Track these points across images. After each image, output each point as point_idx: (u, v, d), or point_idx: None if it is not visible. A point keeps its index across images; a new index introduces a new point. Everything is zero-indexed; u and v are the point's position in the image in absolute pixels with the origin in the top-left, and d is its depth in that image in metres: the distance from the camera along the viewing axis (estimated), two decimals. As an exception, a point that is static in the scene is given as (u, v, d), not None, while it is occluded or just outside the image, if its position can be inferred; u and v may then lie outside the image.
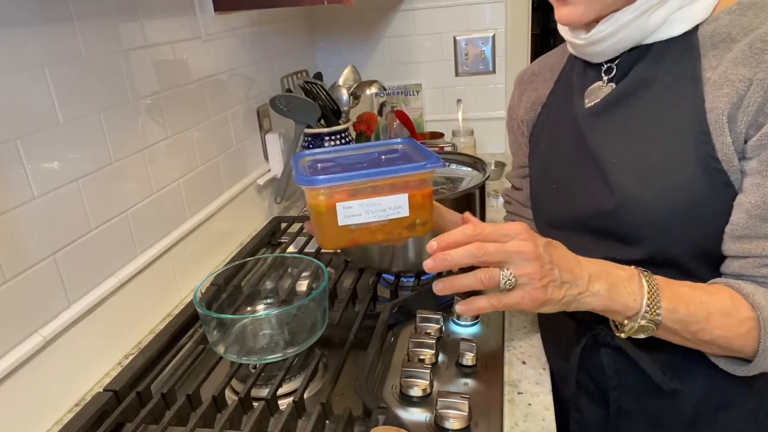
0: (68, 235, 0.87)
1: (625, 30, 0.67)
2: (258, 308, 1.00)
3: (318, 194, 0.64)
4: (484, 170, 1.21)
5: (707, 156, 0.63)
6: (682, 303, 0.61)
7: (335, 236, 0.67)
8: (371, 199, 0.64)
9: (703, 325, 0.62)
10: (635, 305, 0.62)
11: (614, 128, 0.72)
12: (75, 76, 0.88)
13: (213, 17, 1.26)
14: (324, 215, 0.65)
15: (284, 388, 0.83)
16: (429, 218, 0.68)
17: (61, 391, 0.86)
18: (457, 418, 0.72)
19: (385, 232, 0.67)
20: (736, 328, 0.61)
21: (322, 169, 0.71)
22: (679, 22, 0.66)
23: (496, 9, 1.79)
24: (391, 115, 1.87)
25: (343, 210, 0.65)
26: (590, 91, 0.76)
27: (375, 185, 0.64)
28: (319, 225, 0.67)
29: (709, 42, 0.65)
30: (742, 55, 0.61)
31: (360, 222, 0.66)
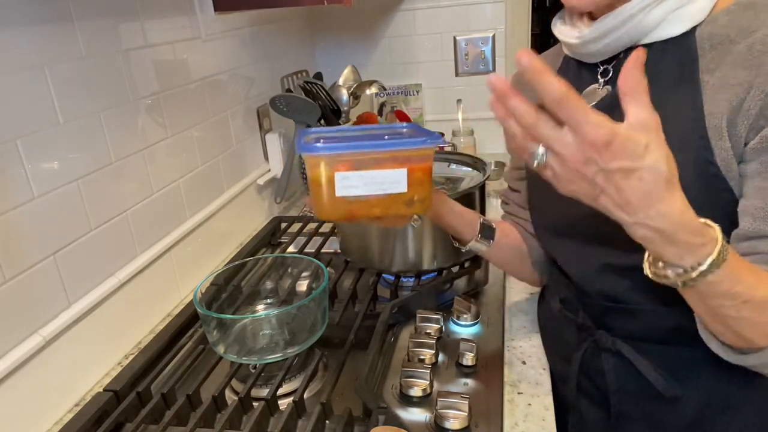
0: (68, 235, 0.87)
1: (621, 29, 0.66)
2: (258, 308, 1.00)
3: (318, 163, 0.64)
4: (484, 170, 1.21)
5: (706, 161, 0.62)
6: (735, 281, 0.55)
7: (332, 207, 0.66)
8: (370, 171, 0.64)
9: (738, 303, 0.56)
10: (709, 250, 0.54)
11: None
12: (75, 76, 0.88)
13: (213, 17, 1.26)
14: (322, 185, 0.64)
15: (284, 388, 0.83)
16: (427, 195, 0.67)
17: (61, 391, 0.86)
18: (457, 418, 0.72)
19: (383, 206, 0.66)
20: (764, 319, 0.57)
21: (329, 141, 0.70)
22: (676, 22, 0.65)
23: (496, 9, 1.79)
24: (391, 115, 1.87)
25: (341, 180, 0.64)
26: (585, 94, 0.75)
27: (375, 158, 0.63)
28: (317, 195, 0.66)
29: (708, 44, 0.64)
30: (741, 58, 0.60)
31: (357, 194, 0.65)
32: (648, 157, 0.49)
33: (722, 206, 0.63)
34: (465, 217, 0.86)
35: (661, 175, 0.50)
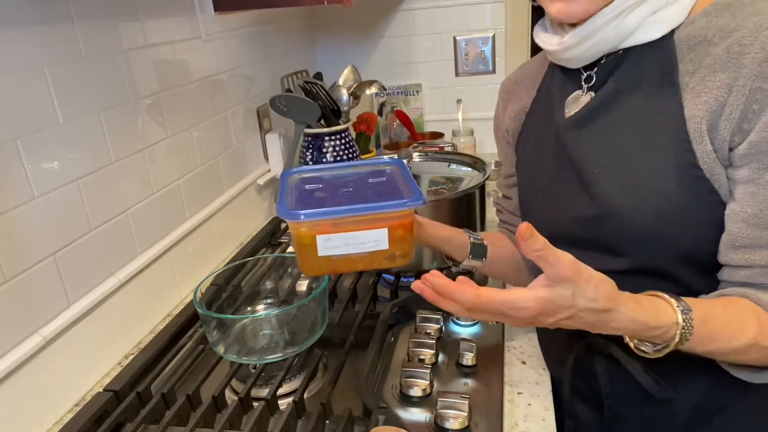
0: (68, 235, 0.87)
1: (599, 34, 0.66)
2: (258, 308, 1.00)
3: (300, 226, 0.66)
4: (484, 170, 1.21)
5: (689, 164, 0.62)
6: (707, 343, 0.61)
7: (316, 265, 0.69)
8: (351, 233, 0.66)
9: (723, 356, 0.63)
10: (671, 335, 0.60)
11: (595, 138, 0.71)
12: (75, 76, 0.88)
13: (213, 17, 1.26)
14: (306, 245, 0.67)
15: (284, 388, 0.83)
16: (409, 250, 0.70)
17: (61, 391, 0.86)
18: (457, 418, 0.73)
19: (366, 262, 0.68)
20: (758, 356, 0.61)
21: (308, 192, 0.73)
22: (655, 25, 0.65)
23: (496, 9, 1.79)
24: (391, 115, 1.87)
25: (324, 242, 0.66)
26: (570, 101, 0.76)
27: (356, 220, 0.66)
28: (300, 254, 0.69)
29: (686, 45, 0.64)
30: (719, 60, 0.60)
31: (340, 253, 0.67)
32: (578, 301, 0.56)
33: (710, 208, 0.63)
34: (453, 241, 0.85)
35: (595, 309, 0.57)
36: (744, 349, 0.60)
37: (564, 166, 0.74)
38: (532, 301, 0.56)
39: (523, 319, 0.58)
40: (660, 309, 0.60)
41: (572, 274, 0.55)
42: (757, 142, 0.58)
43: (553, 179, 0.77)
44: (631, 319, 0.58)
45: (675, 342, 0.59)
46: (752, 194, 0.60)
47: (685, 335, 0.59)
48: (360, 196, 0.70)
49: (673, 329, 0.59)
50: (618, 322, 0.58)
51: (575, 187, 0.72)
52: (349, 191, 0.72)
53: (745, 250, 0.61)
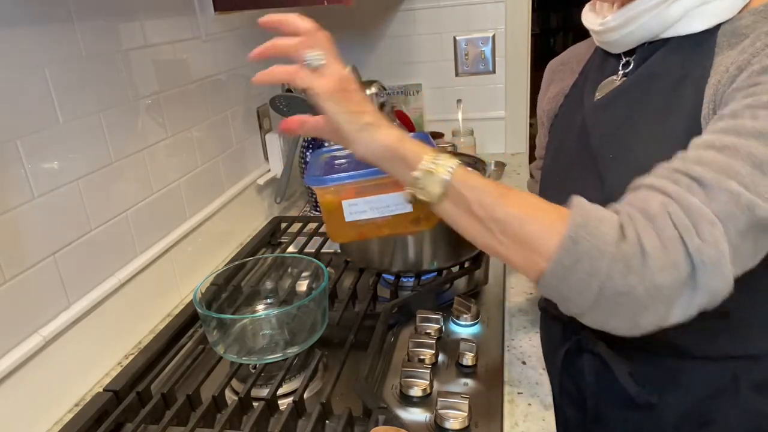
0: (68, 235, 0.87)
1: (642, 19, 0.64)
2: (258, 308, 1.00)
3: (326, 192, 0.69)
4: (484, 170, 1.21)
5: None
6: (480, 176, 0.58)
7: (344, 231, 0.71)
8: (375, 197, 0.68)
9: (497, 198, 0.55)
10: (425, 154, 0.58)
11: (616, 122, 0.69)
12: (75, 76, 0.88)
13: (213, 17, 1.26)
14: (333, 212, 0.70)
15: (284, 388, 0.83)
16: (433, 213, 0.69)
17: (61, 391, 0.86)
18: (457, 418, 0.72)
19: (391, 226, 0.70)
20: (538, 212, 0.53)
21: (336, 166, 0.75)
22: (700, 18, 0.62)
23: (496, 9, 1.79)
24: (391, 115, 1.87)
25: (349, 207, 0.69)
26: (603, 85, 0.74)
27: (379, 183, 0.67)
28: (329, 220, 0.72)
29: (726, 42, 0.61)
30: (742, 47, 0.58)
31: (365, 218, 0.70)
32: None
33: None
34: None
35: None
36: (518, 197, 0.55)
37: (585, 149, 0.73)
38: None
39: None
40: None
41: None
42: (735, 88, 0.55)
43: (573, 162, 0.77)
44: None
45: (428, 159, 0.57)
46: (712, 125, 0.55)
47: (442, 157, 0.57)
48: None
49: (427, 150, 0.58)
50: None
51: (591, 170, 0.71)
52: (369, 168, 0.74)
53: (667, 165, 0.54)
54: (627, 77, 0.71)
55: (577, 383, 0.79)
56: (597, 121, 0.72)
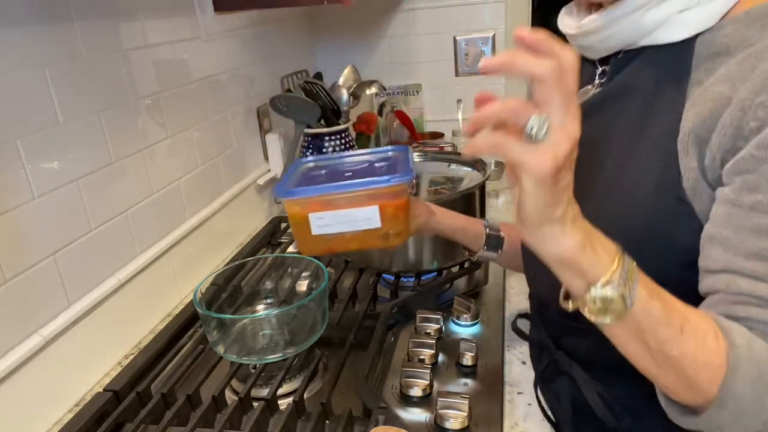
0: (68, 235, 0.87)
1: (618, 24, 0.61)
2: (258, 308, 1.00)
3: (293, 205, 0.68)
4: (484, 170, 1.21)
5: (672, 183, 0.56)
6: (659, 298, 0.51)
7: (311, 243, 0.70)
8: (342, 211, 0.67)
9: (675, 333, 0.50)
10: (605, 269, 0.49)
11: (588, 138, 0.62)
12: (75, 76, 0.88)
13: (213, 17, 1.26)
14: (300, 224, 0.68)
15: (284, 388, 0.83)
16: (403, 229, 0.69)
17: (61, 391, 0.86)
18: (457, 418, 0.72)
19: (359, 241, 0.69)
20: (709, 354, 0.50)
21: (312, 178, 0.74)
22: (679, 26, 0.58)
23: (496, 9, 1.79)
24: (391, 115, 1.87)
25: (316, 220, 0.67)
26: (579, 94, 0.71)
27: (348, 197, 0.66)
28: (296, 232, 0.70)
29: (705, 52, 0.57)
30: (728, 72, 0.54)
31: (332, 232, 0.68)
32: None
33: (685, 233, 0.57)
34: (468, 232, 0.84)
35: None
36: (699, 332, 0.51)
37: None
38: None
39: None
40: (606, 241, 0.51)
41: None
42: (745, 159, 0.51)
43: None
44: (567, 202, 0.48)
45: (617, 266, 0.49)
46: (729, 217, 0.53)
47: (623, 280, 0.48)
48: (356, 177, 0.71)
49: (608, 264, 0.49)
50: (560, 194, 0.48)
51: None
52: (349, 174, 0.73)
53: (727, 275, 0.53)
54: (602, 87, 0.68)
55: (551, 406, 0.77)
56: None
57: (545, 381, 0.77)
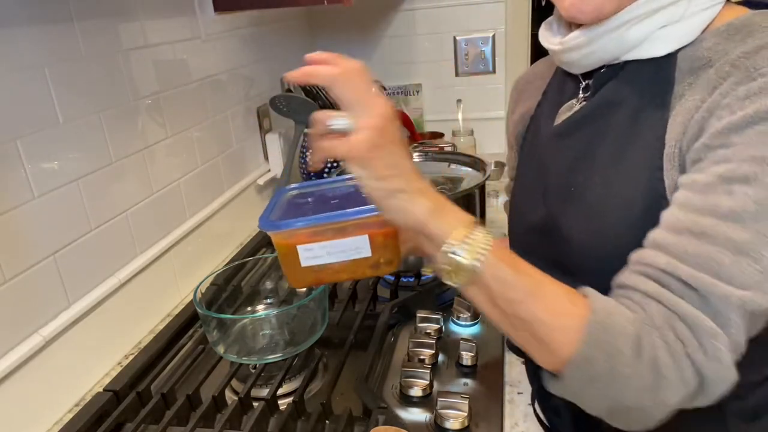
0: (68, 235, 0.87)
1: (601, 40, 0.61)
2: (258, 308, 1.00)
3: (279, 238, 0.66)
4: (484, 170, 1.21)
5: (658, 195, 0.57)
6: (513, 266, 0.53)
7: (300, 275, 0.67)
8: (331, 242, 0.65)
9: (524, 296, 0.52)
10: (456, 234, 0.53)
11: (574, 153, 0.67)
12: (75, 76, 0.88)
13: (213, 17, 1.26)
14: (287, 256, 0.66)
15: (284, 388, 0.83)
16: (394, 257, 0.68)
17: (61, 391, 0.86)
18: (457, 418, 0.72)
19: (350, 271, 0.67)
20: (561, 317, 0.52)
21: (298, 206, 0.72)
22: (662, 41, 0.59)
23: (496, 9, 1.79)
24: (391, 115, 1.87)
25: (305, 252, 0.65)
26: (563, 109, 0.72)
27: (335, 228, 0.64)
28: (284, 265, 0.68)
29: (687, 66, 0.58)
30: (705, 81, 0.55)
31: (322, 263, 0.66)
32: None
33: None
34: None
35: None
36: (551, 298, 0.53)
37: (541, 178, 0.72)
38: None
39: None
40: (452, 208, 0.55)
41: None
42: (698, 148, 0.53)
43: (530, 191, 0.75)
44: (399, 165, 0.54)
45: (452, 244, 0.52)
46: (677, 198, 0.54)
47: (469, 245, 0.52)
48: (344, 207, 0.68)
49: (456, 230, 0.52)
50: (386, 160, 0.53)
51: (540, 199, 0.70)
52: (336, 202, 0.71)
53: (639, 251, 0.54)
54: (586, 102, 0.68)
55: (551, 420, 0.76)
56: (554, 150, 0.70)
57: (543, 398, 0.76)
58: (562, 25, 0.69)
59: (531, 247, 0.72)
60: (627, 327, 0.50)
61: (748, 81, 0.51)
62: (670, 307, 0.50)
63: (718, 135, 0.51)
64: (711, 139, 0.52)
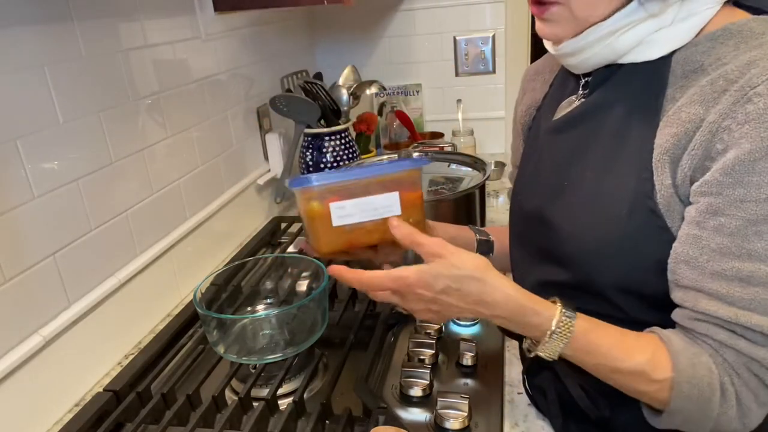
0: (68, 235, 0.87)
1: (594, 48, 0.63)
2: (258, 308, 1.00)
3: (311, 196, 0.65)
4: (484, 170, 1.21)
5: (645, 195, 0.59)
6: (590, 354, 0.60)
7: (331, 239, 0.67)
8: (363, 198, 0.65)
9: (609, 377, 0.61)
10: (538, 337, 0.61)
11: (569, 148, 0.69)
12: (75, 76, 0.88)
13: (213, 17, 1.26)
14: (318, 218, 0.65)
15: (284, 388, 0.83)
16: (421, 218, 0.69)
17: (61, 391, 0.86)
18: (457, 418, 0.73)
19: (380, 231, 0.67)
20: (643, 388, 0.59)
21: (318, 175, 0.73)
22: (656, 45, 0.60)
23: (496, 9, 1.79)
24: (391, 115, 1.87)
25: (337, 210, 0.65)
26: (564, 105, 0.74)
27: (366, 184, 0.65)
28: (314, 230, 0.67)
29: (681, 69, 0.60)
30: (701, 92, 0.56)
31: (354, 222, 0.66)
32: (447, 270, 0.59)
33: (658, 244, 0.59)
34: (459, 240, 0.85)
35: (463, 277, 0.59)
36: (629, 374, 0.59)
37: (538, 171, 0.74)
38: (410, 273, 0.60)
39: (407, 293, 0.61)
40: (542, 301, 0.60)
41: (440, 249, 0.61)
42: (710, 182, 0.55)
43: (529, 183, 0.77)
44: (505, 295, 0.59)
45: (549, 337, 0.59)
46: (695, 238, 0.56)
47: (561, 333, 0.59)
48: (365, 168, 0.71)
49: (548, 322, 0.59)
50: (491, 295, 0.59)
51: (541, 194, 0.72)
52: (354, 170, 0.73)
53: (690, 292, 0.58)
54: (584, 99, 0.70)
55: (539, 403, 0.77)
56: (552, 144, 0.73)
57: (531, 376, 0.78)
58: None
59: (525, 235, 0.77)
60: (711, 378, 0.56)
61: (745, 102, 0.53)
62: (746, 354, 0.56)
63: (731, 172, 0.54)
64: (723, 175, 0.54)
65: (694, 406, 0.57)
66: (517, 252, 0.80)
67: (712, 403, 0.56)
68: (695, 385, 0.56)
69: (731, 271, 0.55)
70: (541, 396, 0.76)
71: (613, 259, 0.62)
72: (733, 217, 0.54)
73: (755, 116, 0.52)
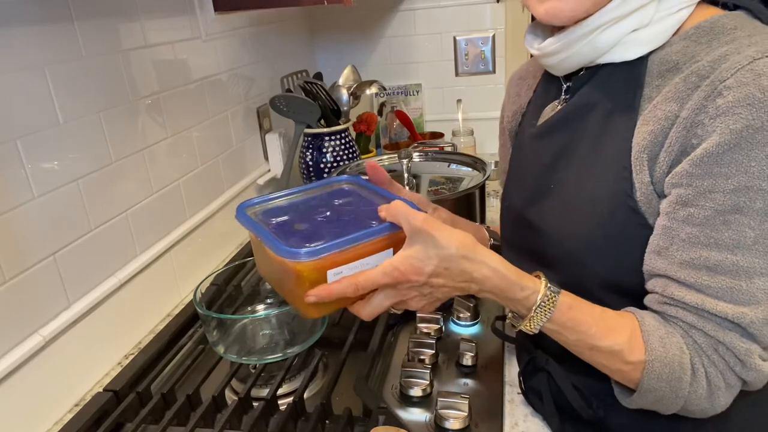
0: (68, 235, 0.87)
1: (575, 46, 0.64)
2: (258, 308, 1.00)
3: (306, 266, 0.60)
4: (484, 170, 1.21)
5: (624, 194, 0.60)
6: (571, 330, 0.61)
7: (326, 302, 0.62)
8: (359, 261, 0.62)
9: (585, 353, 0.62)
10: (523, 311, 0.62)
11: (553, 152, 0.70)
12: (75, 76, 0.88)
13: (213, 17, 1.26)
14: (311, 285, 0.61)
15: (284, 388, 0.83)
16: None
17: (61, 391, 0.86)
18: (457, 418, 0.73)
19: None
20: (617, 367, 0.60)
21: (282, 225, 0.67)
22: (633, 45, 0.62)
23: (496, 9, 1.79)
24: (391, 115, 1.87)
25: (334, 276, 0.61)
26: (547, 110, 0.75)
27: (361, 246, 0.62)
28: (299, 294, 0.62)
29: (657, 69, 0.61)
30: (675, 89, 0.58)
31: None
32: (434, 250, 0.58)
33: (638, 241, 0.60)
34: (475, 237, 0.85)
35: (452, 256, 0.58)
36: (606, 352, 0.59)
37: (526, 171, 0.75)
38: (398, 262, 0.59)
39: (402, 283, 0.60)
40: (527, 276, 0.61)
41: (422, 223, 0.58)
42: (680, 174, 0.56)
43: (517, 181, 0.78)
44: (493, 270, 0.59)
45: (534, 311, 0.59)
46: (666, 229, 0.58)
47: (545, 307, 0.59)
48: (344, 220, 0.66)
49: (534, 296, 0.60)
50: (479, 271, 0.59)
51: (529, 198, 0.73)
52: (326, 216, 0.68)
53: (661, 279, 0.59)
54: (566, 103, 0.71)
55: (536, 405, 0.78)
56: (535, 148, 0.73)
57: (526, 378, 0.79)
58: (546, 30, 0.73)
59: (515, 238, 0.78)
60: (682, 357, 0.58)
61: (715, 96, 0.54)
62: (713, 336, 0.57)
63: (699, 164, 0.55)
64: (693, 167, 0.55)
65: (666, 385, 0.58)
66: (508, 254, 0.80)
67: (683, 382, 0.57)
68: (667, 363, 0.58)
69: (699, 260, 0.56)
70: (537, 397, 0.76)
71: (599, 259, 0.63)
72: (702, 207, 0.55)
73: (725, 109, 0.53)
